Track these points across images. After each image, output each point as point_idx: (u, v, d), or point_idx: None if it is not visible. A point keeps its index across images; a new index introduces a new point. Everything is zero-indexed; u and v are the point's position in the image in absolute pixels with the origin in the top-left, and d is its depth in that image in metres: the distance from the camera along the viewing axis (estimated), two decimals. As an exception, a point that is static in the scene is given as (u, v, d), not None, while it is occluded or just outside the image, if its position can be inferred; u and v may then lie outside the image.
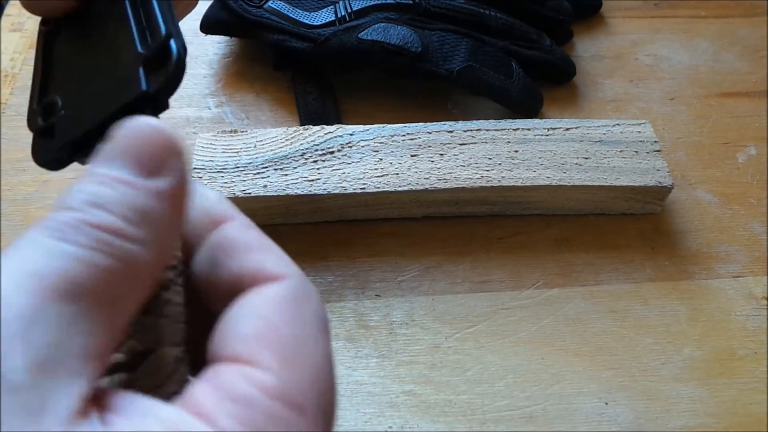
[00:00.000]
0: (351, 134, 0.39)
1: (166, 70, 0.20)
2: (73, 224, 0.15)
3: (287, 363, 0.16)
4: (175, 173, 0.17)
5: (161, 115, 0.20)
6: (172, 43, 0.20)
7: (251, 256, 0.18)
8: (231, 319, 0.17)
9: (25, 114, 0.23)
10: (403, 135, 0.39)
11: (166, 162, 0.17)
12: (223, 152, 0.38)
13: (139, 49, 0.21)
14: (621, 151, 0.39)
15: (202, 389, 0.16)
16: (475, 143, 0.39)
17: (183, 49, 0.20)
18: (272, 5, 0.44)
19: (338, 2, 0.44)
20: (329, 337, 0.18)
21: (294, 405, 0.16)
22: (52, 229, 0.15)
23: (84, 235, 0.15)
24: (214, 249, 0.19)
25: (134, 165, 0.16)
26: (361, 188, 0.37)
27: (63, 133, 0.21)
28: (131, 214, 0.16)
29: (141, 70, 0.20)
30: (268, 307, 0.17)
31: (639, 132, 0.40)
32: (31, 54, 0.36)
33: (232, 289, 0.18)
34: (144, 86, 0.20)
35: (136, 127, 0.17)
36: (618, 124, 0.40)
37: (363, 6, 0.44)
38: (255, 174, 0.37)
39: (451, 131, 0.40)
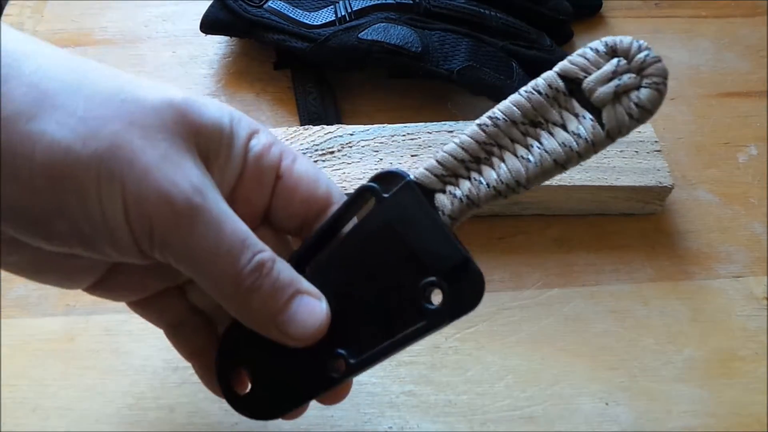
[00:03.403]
0: (351, 134, 0.39)
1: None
2: None
3: None
4: None
5: None
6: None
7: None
8: None
9: None
10: (403, 135, 0.39)
11: None
12: (223, 152, 0.38)
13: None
14: (621, 151, 0.39)
15: None
16: (476, 143, 0.39)
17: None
18: (272, 5, 0.44)
19: (338, 2, 0.44)
20: None
21: None
22: None
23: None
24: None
25: None
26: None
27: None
28: None
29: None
30: None
31: (639, 132, 0.40)
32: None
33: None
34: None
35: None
36: (618, 124, 0.40)
37: (363, 6, 0.44)
38: (255, 174, 0.37)
39: (451, 131, 0.40)
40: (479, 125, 0.23)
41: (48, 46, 0.21)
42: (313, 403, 0.32)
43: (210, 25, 0.45)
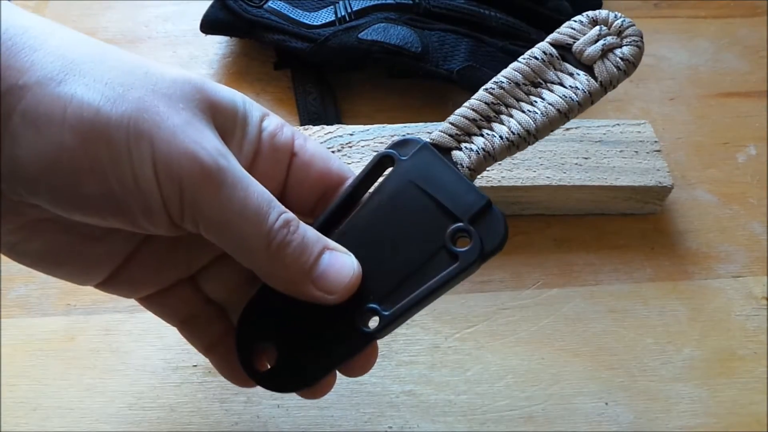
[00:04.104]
0: (351, 134, 0.39)
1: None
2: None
3: None
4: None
5: None
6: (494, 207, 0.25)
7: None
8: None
9: None
10: (403, 135, 0.39)
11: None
12: (223, 152, 0.38)
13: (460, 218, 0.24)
14: (621, 151, 0.39)
15: None
16: (475, 143, 0.39)
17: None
18: (272, 5, 0.44)
19: (338, 2, 0.44)
20: None
21: None
22: None
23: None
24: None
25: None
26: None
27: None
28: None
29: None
30: None
31: (639, 132, 0.40)
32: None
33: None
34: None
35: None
36: (618, 124, 0.40)
37: (363, 6, 0.44)
38: (255, 174, 0.37)
39: (451, 131, 0.40)
40: (486, 89, 0.26)
41: (68, 28, 0.22)
42: (313, 402, 0.32)
43: (210, 25, 0.45)
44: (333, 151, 0.38)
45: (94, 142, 0.20)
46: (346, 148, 0.39)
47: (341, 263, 0.24)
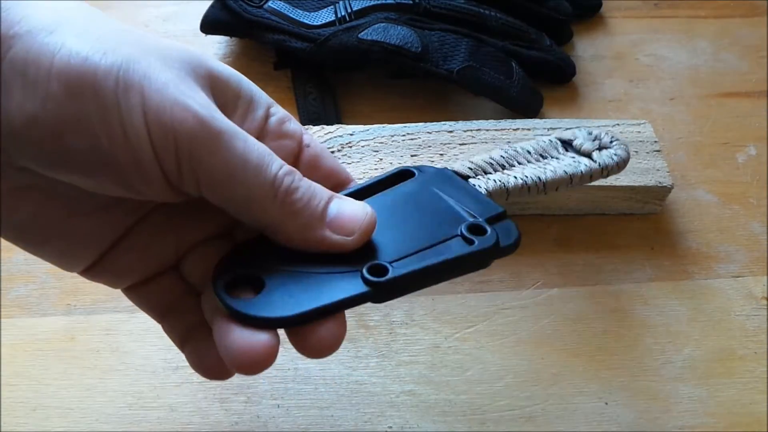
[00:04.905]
0: (351, 134, 0.39)
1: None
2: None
3: None
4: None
5: None
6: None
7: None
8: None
9: None
10: (403, 135, 0.39)
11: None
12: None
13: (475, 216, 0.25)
14: (621, 151, 0.39)
15: None
16: (475, 143, 0.39)
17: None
18: (272, 5, 0.44)
19: (338, 2, 0.44)
20: None
21: None
22: None
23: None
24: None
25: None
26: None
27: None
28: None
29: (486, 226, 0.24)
30: None
31: (639, 132, 0.40)
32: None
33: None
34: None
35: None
36: (618, 124, 0.40)
37: (363, 6, 0.44)
38: (255, 174, 0.37)
39: (451, 131, 0.40)
40: (500, 149, 0.31)
41: None
42: (313, 402, 0.32)
43: (210, 25, 0.46)
44: (333, 151, 0.38)
45: (80, 91, 0.19)
46: (346, 148, 0.39)
47: (353, 206, 0.23)
